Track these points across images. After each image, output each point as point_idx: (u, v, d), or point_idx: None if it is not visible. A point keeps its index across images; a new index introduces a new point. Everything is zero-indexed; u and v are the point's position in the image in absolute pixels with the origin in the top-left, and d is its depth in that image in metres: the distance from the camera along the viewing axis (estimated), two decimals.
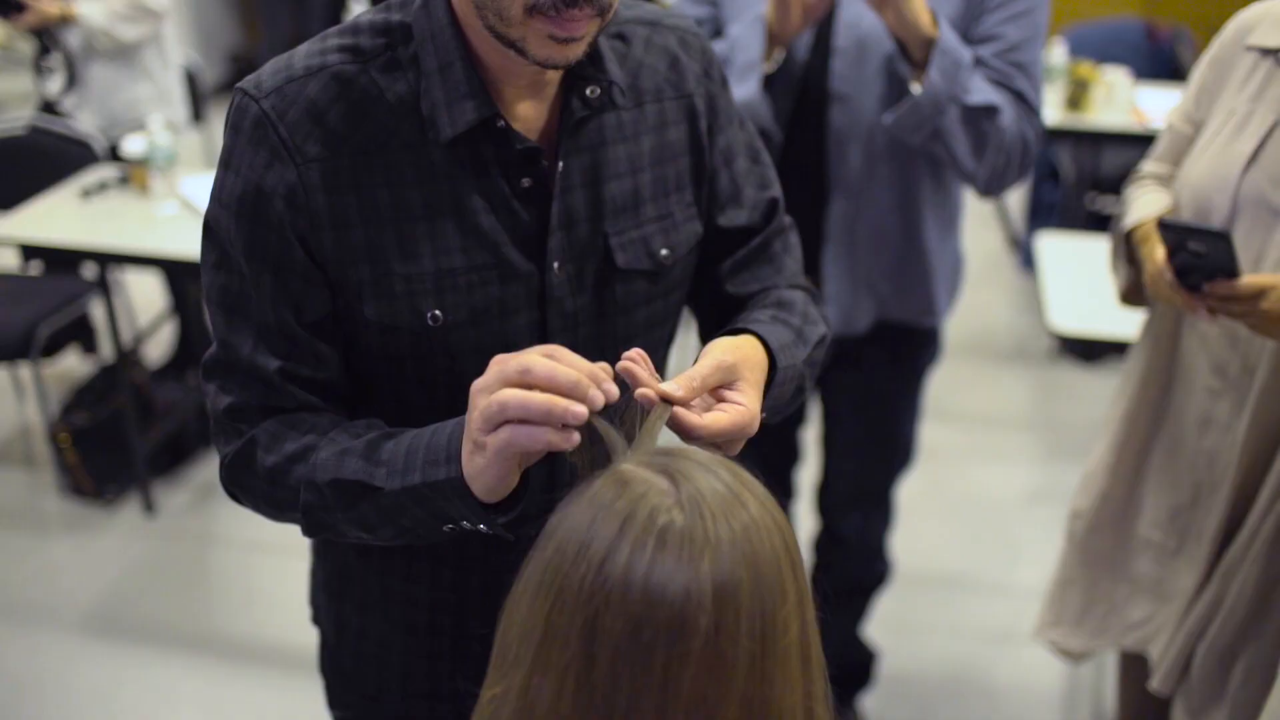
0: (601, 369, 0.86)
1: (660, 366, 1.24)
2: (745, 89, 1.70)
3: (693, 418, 0.91)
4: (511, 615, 0.76)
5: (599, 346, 1.11)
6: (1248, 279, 1.39)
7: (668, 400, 0.91)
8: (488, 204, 1.03)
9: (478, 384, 0.87)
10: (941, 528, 3.13)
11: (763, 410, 1.00)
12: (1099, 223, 4.30)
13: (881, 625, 2.62)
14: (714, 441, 0.93)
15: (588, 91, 1.06)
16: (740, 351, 1.00)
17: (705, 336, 1.24)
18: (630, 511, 0.71)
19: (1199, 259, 1.42)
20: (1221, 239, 1.39)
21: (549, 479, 1.10)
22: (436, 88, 1.01)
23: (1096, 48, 4.26)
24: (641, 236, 1.11)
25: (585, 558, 0.71)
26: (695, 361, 0.98)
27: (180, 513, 3.16)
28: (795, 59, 1.78)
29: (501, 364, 0.86)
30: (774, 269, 1.23)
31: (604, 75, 1.06)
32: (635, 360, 0.89)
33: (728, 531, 0.71)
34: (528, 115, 1.05)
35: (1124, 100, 3.71)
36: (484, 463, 0.86)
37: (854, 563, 2.31)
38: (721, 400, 0.96)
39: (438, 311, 1.03)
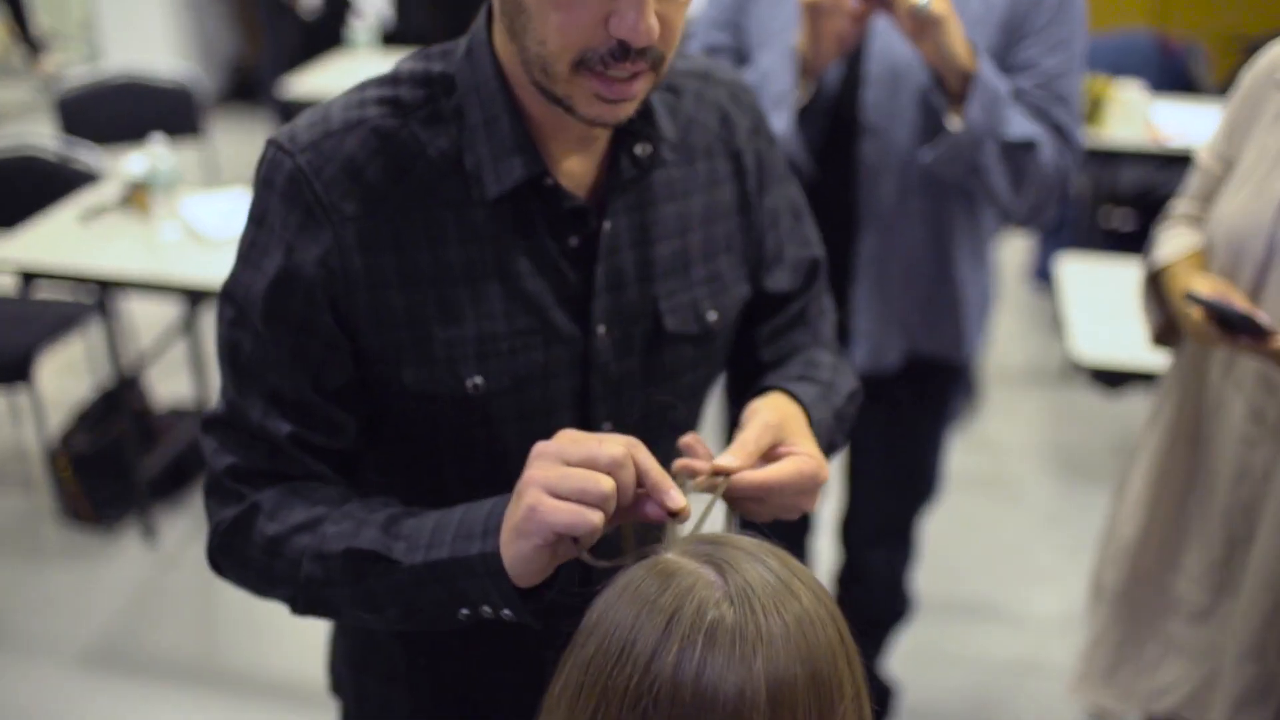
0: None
1: (695, 429, 1.19)
2: (777, 122, 1.65)
3: (755, 474, 0.90)
4: (551, 716, 0.72)
5: (642, 413, 1.06)
6: None
7: (724, 472, 0.88)
8: (533, 265, 0.99)
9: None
10: (958, 555, 3.08)
11: None
12: (1114, 239, 4.26)
13: (900, 657, 2.58)
14: (784, 495, 0.91)
15: (637, 150, 1.01)
16: (780, 410, 0.98)
17: (733, 396, 1.22)
18: (677, 606, 0.67)
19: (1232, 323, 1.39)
20: (1246, 320, 1.36)
21: (583, 569, 1.05)
22: (481, 143, 0.96)
23: (1109, 61, 4.22)
24: (691, 300, 1.07)
25: (630, 658, 0.67)
26: (733, 426, 0.95)
27: (182, 540, 3.10)
28: (826, 89, 1.73)
29: (587, 444, 0.82)
30: (810, 334, 1.20)
31: (655, 132, 1.01)
32: (692, 445, 0.88)
33: (780, 626, 0.67)
34: (575, 171, 1.00)
35: (1139, 115, 3.66)
36: (515, 517, 0.81)
37: (876, 597, 2.26)
38: (778, 459, 0.94)
39: (479, 379, 0.98)
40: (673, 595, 0.68)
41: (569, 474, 0.80)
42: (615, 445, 0.81)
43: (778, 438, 0.94)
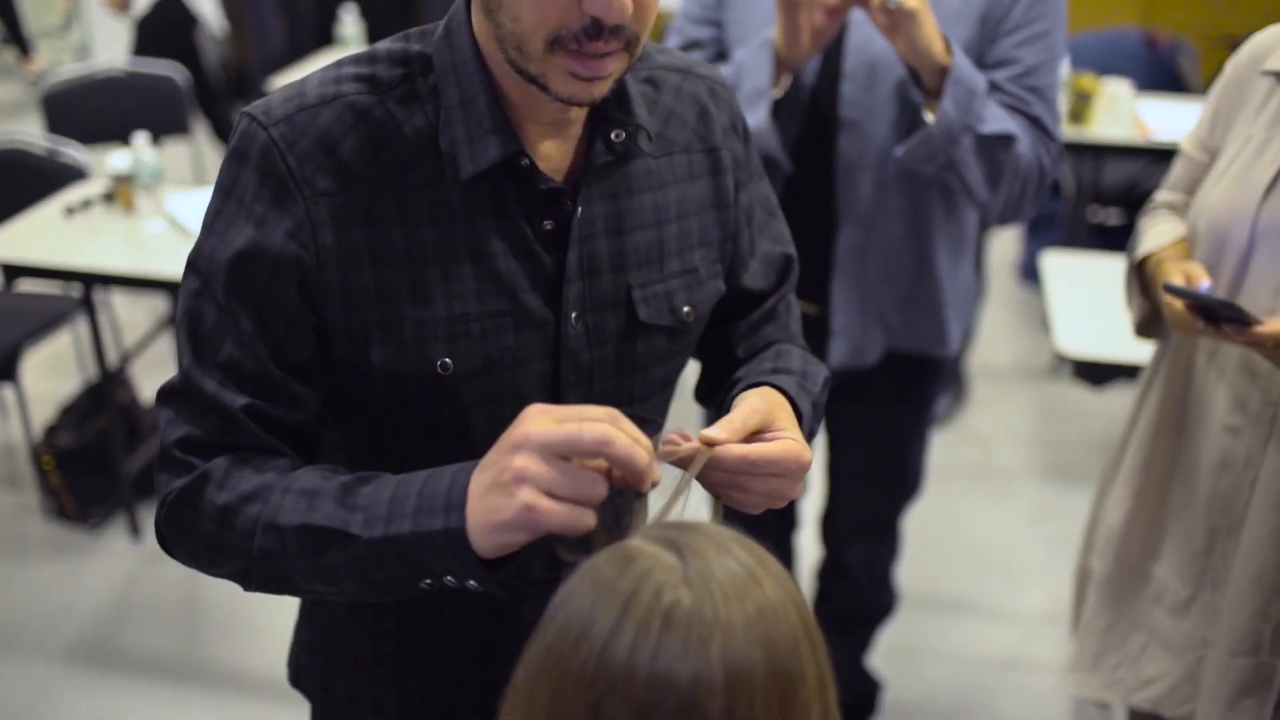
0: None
1: (662, 420, 1.19)
2: (754, 117, 1.64)
3: (741, 447, 0.91)
4: (513, 704, 0.72)
5: (614, 403, 1.05)
6: (1270, 327, 1.34)
7: (710, 443, 0.90)
8: (507, 247, 0.98)
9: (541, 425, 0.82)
10: (944, 551, 3.08)
11: None
12: (1101, 235, 4.27)
13: (884, 652, 2.57)
14: (768, 473, 0.93)
15: (613, 135, 1.00)
16: (768, 398, 1.00)
17: (707, 390, 1.23)
18: (634, 590, 0.66)
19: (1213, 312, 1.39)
20: (1228, 306, 1.35)
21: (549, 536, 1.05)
22: (458, 123, 0.96)
23: (1096, 59, 4.22)
24: (665, 291, 1.06)
25: (586, 642, 0.66)
26: (709, 423, 0.96)
27: None
28: (803, 84, 1.72)
29: (574, 421, 0.81)
30: (779, 327, 1.21)
31: (630, 119, 1.01)
32: (676, 441, 0.90)
33: (740, 611, 0.66)
34: (551, 155, 1.00)
35: (1126, 112, 3.67)
36: (508, 514, 0.80)
37: (859, 594, 2.26)
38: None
39: (448, 360, 0.97)
40: (630, 579, 0.67)
41: (566, 475, 0.79)
42: (600, 428, 0.80)
43: (765, 422, 0.95)
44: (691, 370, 1.23)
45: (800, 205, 1.76)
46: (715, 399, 1.17)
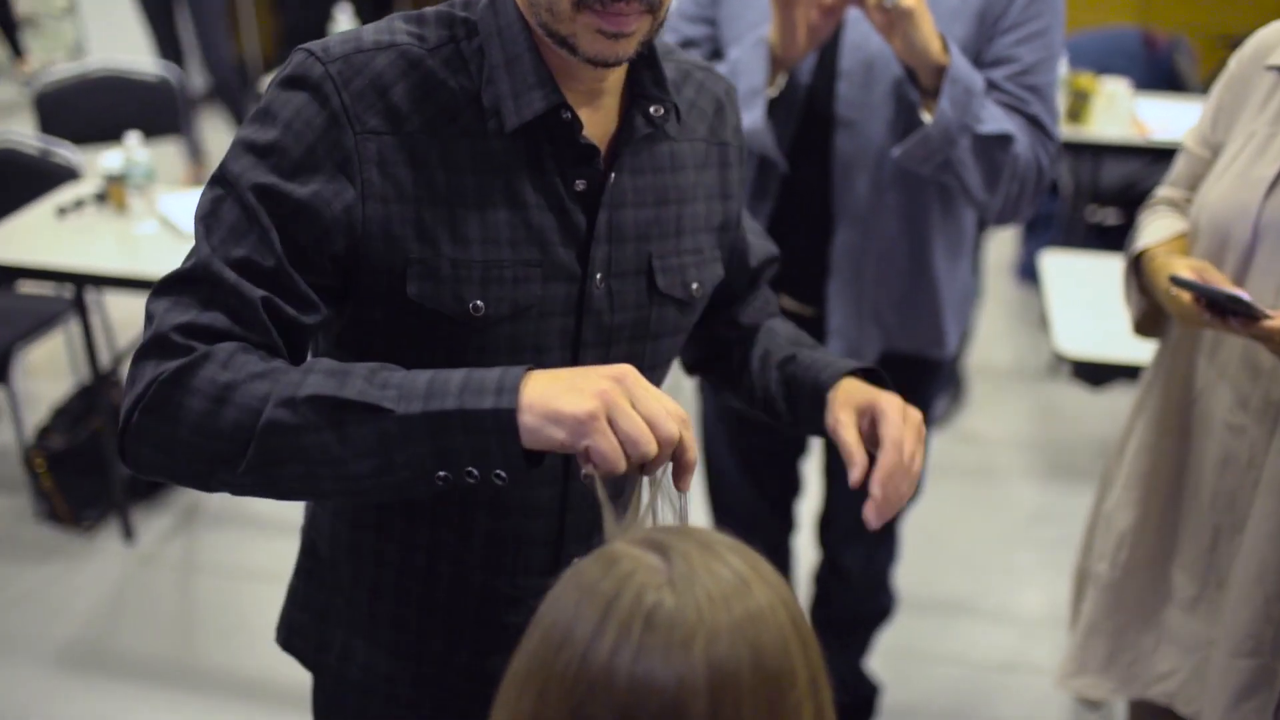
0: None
1: None
2: (749, 116, 1.63)
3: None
4: (500, 709, 0.71)
5: None
6: (1278, 320, 1.33)
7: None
8: (542, 200, 1.03)
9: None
10: (942, 552, 3.07)
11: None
12: (1099, 235, 4.26)
13: (882, 655, 2.56)
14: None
15: (652, 110, 1.07)
16: (859, 393, 1.16)
17: (697, 363, 1.36)
18: (616, 592, 0.66)
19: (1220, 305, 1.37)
20: (1236, 300, 1.34)
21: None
22: (502, 79, 1.01)
23: (1094, 58, 4.22)
24: (680, 265, 1.13)
25: (569, 645, 0.65)
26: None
27: (161, 540, 3.08)
28: (798, 83, 1.71)
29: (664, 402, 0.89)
30: (762, 300, 1.35)
31: (668, 97, 1.07)
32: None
33: (725, 613, 0.65)
34: (587, 124, 1.04)
35: (1124, 111, 3.66)
36: (572, 409, 0.85)
37: (857, 597, 2.25)
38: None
39: (480, 301, 1.01)
40: (613, 581, 0.66)
41: (634, 417, 0.85)
42: (675, 425, 0.87)
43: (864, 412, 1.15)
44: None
45: (796, 205, 1.75)
46: (710, 368, 1.34)
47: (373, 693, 1.21)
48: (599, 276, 1.07)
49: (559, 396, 0.86)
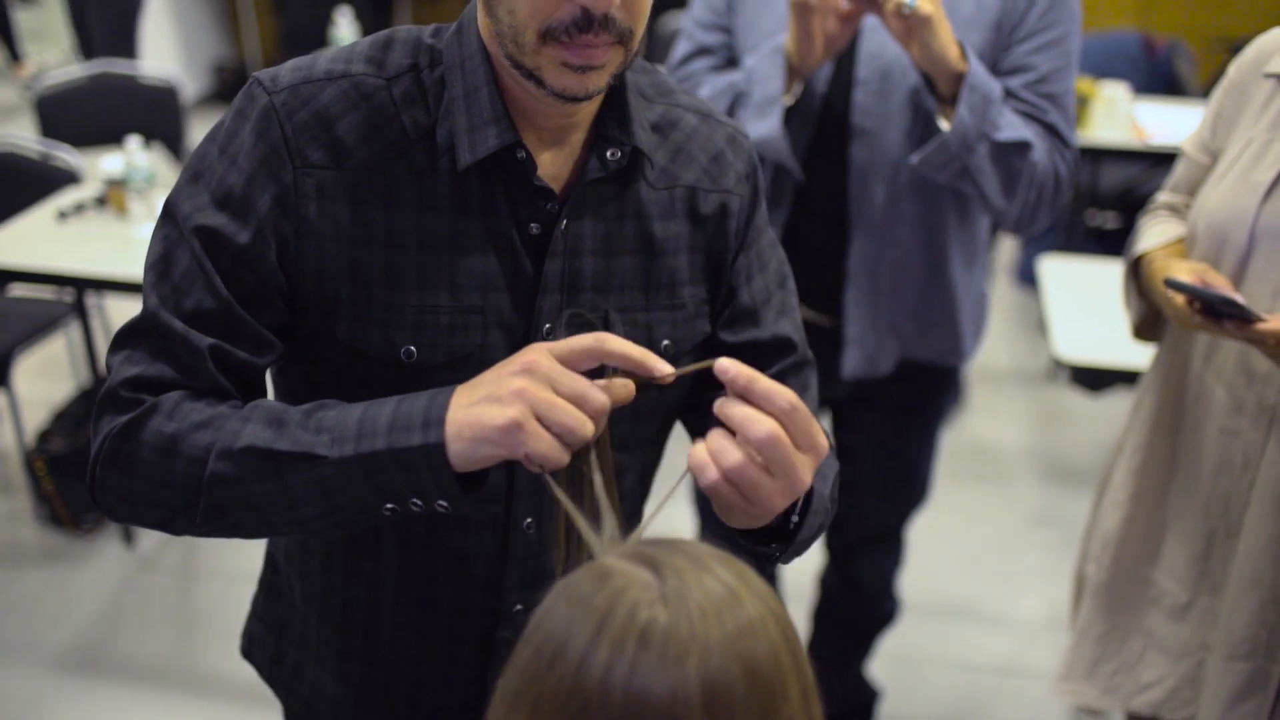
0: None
1: (651, 464, 1.16)
2: (766, 125, 1.62)
3: (747, 370, 0.82)
4: None
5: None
6: (1274, 324, 1.33)
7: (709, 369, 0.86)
8: (489, 245, 0.99)
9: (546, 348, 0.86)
10: (942, 556, 3.07)
11: (793, 540, 0.95)
12: (1099, 239, 4.26)
13: (881, 660, 2.56)
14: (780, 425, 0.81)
15: (609, 154, 1.01)
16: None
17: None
18: (609, 608, 0.65)
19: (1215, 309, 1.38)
20: (1230, 303, 1.34)
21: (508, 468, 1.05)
22: (459, 113, 0.97)
23: (1094, 62, 4.22)
24: (646, 321, 1.06)
25: (562, 661, 0.65)
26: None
27: (161, 544, 3.08)
28: (814, 91, 1.70)
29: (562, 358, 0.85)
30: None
31: (629, 140, 1.01)
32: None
33: (718, 628, 0.65)
34: (549, 164, 1.01)
35: (1123, 116, 3.67)
36: (495, 423, 0.81)
37: (863, 602, 2.25)
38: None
39: (412, 348, 0.98)
40: (606, 597, 0.66)
41: (560, 406, 0.82)
42: (602, 393, 0.84)
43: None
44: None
45: (812, 214, 1.75)
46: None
47: (319, 714, 1.20)
48: (547, 327, 1.01)
49: (482, 413, 0.83)
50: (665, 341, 1.07)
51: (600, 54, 0.90)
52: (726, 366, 0.83)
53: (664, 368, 0.86)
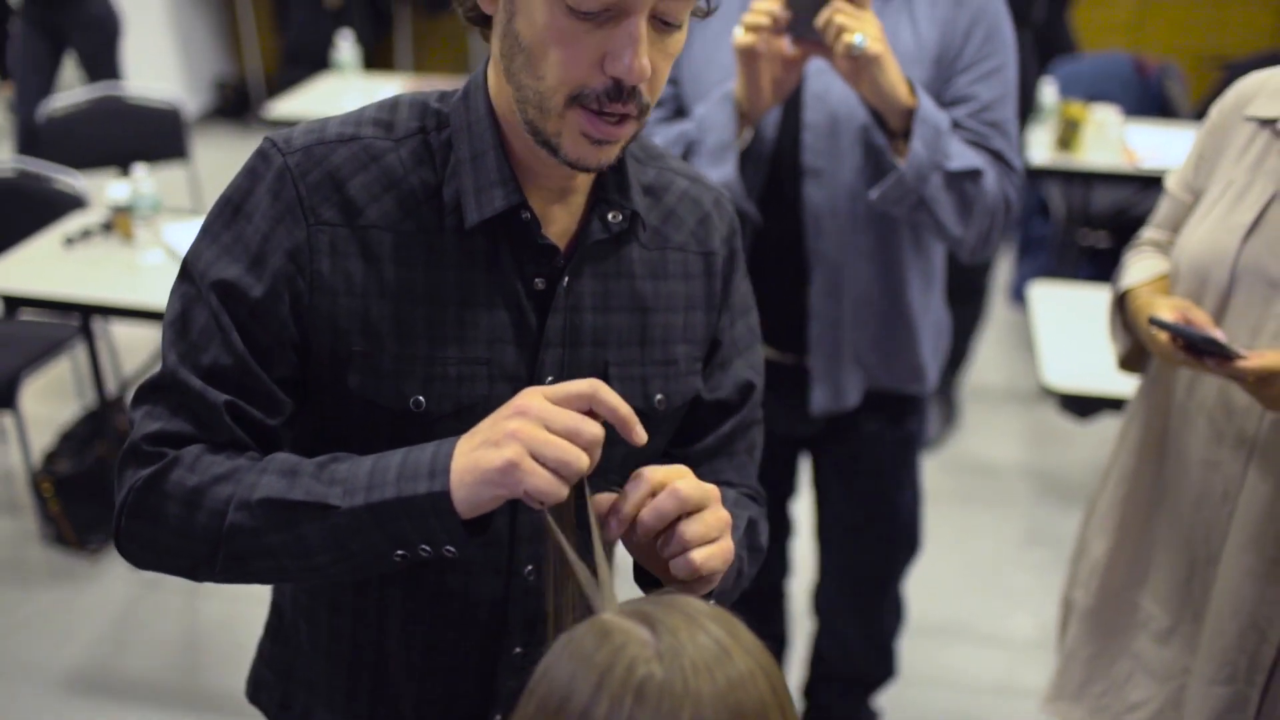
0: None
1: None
2: (721, 171, 1.66)
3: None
4: None
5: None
6: (1253, 362, 1.38)
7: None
8: (495, 299, 1.03)
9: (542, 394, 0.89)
10: (934, 575, 3.10)
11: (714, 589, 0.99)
12: (1091, 258, 4.30)
13: None
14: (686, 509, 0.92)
15: (610, 216, 1.06)
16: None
17: None
18: (609, 664, 0.70)
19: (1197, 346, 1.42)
20: (1210, 342, 1.39)
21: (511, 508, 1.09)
22: (466, 174, 1.01)
23: (1086, 85, 4.27)
24: (641, 375, 1.11)
25: (564, 713, 0.70)
26: None
27: None
28: (765, 136, 1.74)
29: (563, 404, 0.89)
30: (735, 469, 1.20)
31: (628, 204, 1.06)
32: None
33: (710, 683, 0.70)
34: (552, 221, 1.05)
35: (1114, 139, 3.71)
36: (493, 464, 0.86)
37: (855, 665, 2.25)
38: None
39: (421, 398, 1.02)
40: (606, 653, 0.71)
41: (554, 443, 0.86)
42: (596, 426, 0.88)
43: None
44: None
45: (770, 255, 1.78)
46: None
47: None
48: (549, 380, 1.05)
49: (480, 457, 0.87)
50: (658, 396, 1.11)
51: (622, 130, 0.95)
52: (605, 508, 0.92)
53: (641, 436, 0.91)
